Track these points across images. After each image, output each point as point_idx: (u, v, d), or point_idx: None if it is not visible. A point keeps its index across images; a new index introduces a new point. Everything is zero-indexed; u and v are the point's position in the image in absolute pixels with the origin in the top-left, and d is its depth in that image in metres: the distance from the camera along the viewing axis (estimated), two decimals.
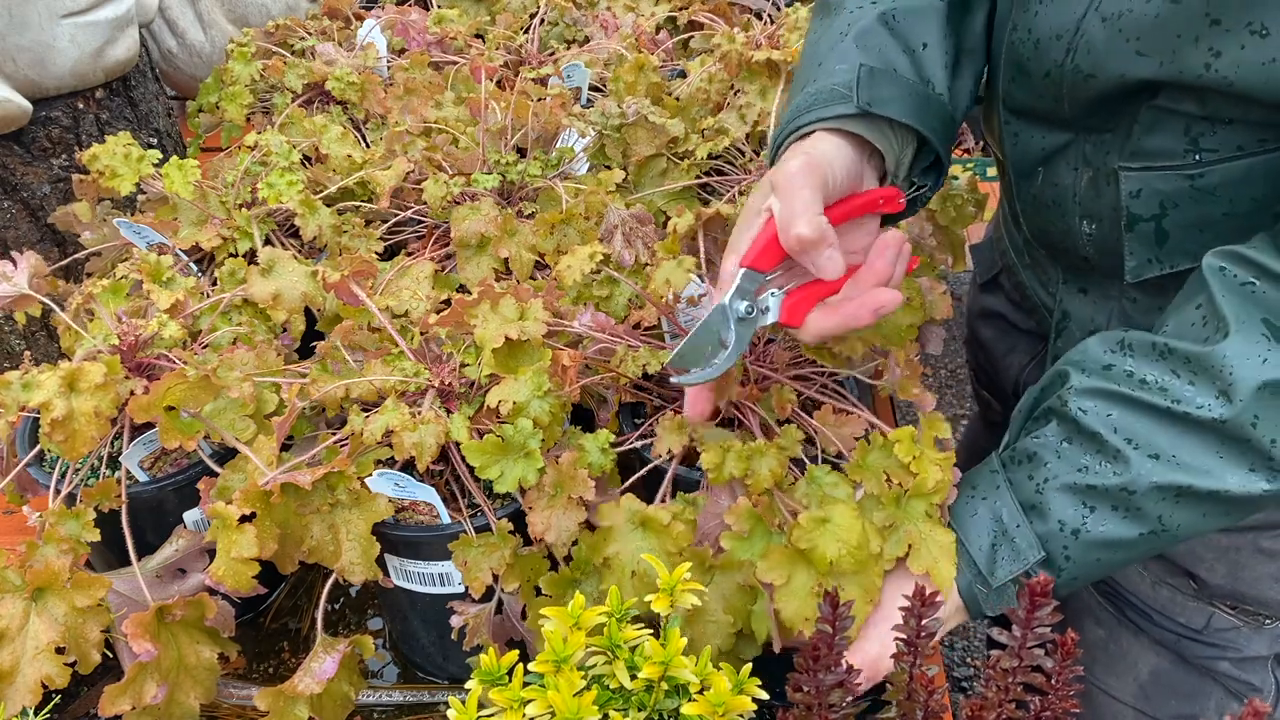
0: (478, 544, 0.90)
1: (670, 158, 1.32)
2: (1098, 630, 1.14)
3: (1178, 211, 0.87)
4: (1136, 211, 0.89)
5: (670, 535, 0.86)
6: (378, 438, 0.90)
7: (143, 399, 0.90)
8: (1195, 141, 0.83)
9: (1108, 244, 0.95)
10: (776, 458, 0.88)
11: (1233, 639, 1.07)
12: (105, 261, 1.29)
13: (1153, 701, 1.11)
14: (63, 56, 1.35)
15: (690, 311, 1.06)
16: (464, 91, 1.50)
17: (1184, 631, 1.08)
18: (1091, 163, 0.92)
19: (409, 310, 1.07)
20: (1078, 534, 0.82)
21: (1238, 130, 0.81)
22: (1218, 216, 0.85)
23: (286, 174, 1.21)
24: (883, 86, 0.85)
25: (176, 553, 0.95)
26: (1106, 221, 0.93)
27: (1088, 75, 0.85)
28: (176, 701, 0.89)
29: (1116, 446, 0.80)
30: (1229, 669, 1.08)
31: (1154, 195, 0.87)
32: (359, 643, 0.92)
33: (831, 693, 0.69)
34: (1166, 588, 1.08)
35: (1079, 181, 0.94)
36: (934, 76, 0.90)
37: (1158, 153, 0.85)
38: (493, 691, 0.69)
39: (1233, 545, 1.03)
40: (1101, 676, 1.14)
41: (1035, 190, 1.00)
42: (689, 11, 1.81)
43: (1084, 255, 0.98)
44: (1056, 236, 1.01)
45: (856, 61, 0.87)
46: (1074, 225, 0.97)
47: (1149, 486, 0.79)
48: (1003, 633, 0.69)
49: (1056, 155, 0.95)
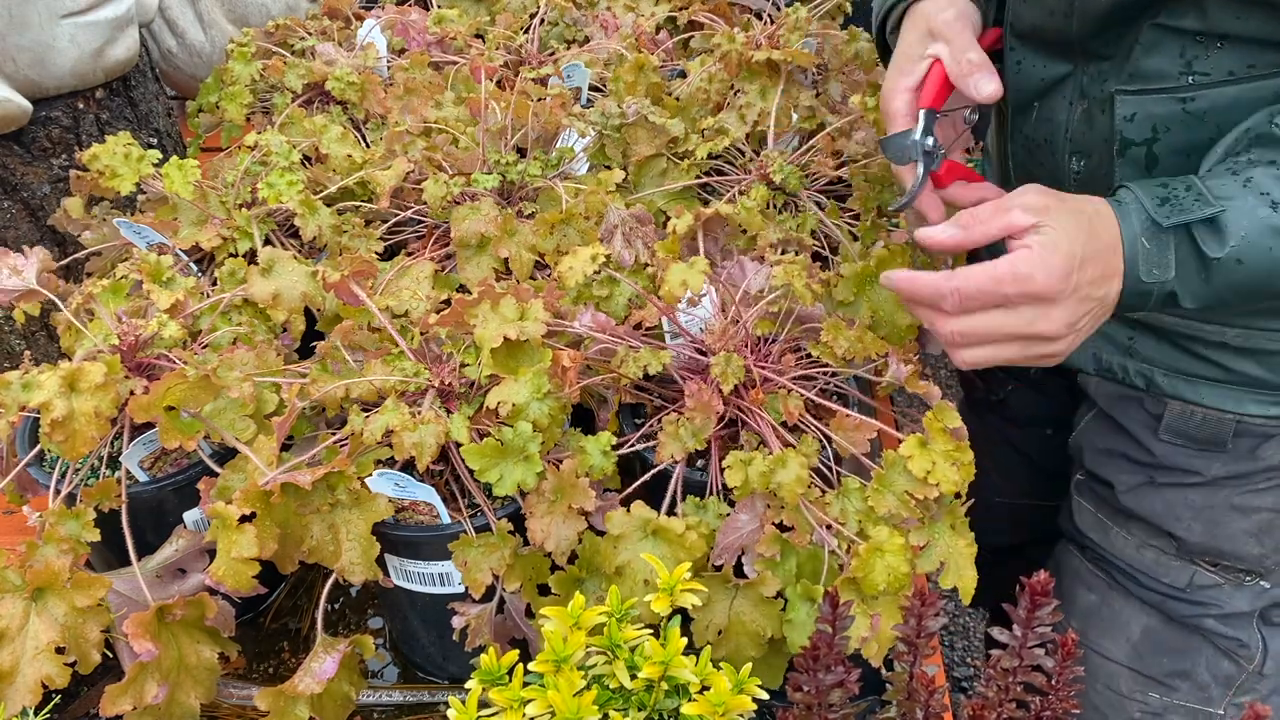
0: (478, 544, 0.90)
1: (670, 158, 1.32)
2: (1089, 596, 1.19)
3: (1169, 135, 0.92)
4: (1129, 136, 0.94)
5: (684, 545, 0.87)
6: (378, 438, 0.90)
7: (143, 399, 0.90)
8: (1190, 65, 0.89)
9: (1093, 183, 0.99)
10: (799, 467, 0.88)
11: (1215, 596, 1.11)
12: (105, 261, 1.29)
13: (1145, 660, 1.15)
14: (63, 56, 1.35)
15: (691, 311, 1.06)
16: (464, 91, 1.50)
17: (1169, 591, 1.13)
18: (1087, 94, 0.98)
19: (409, 310, 1.07)
20: (1260, 211, 0.80)
21: (1229, 52, 0.87)
22: (1205, 140, 0.90)
23: (286, 174, 1.21)
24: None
25: (176, 553, 0.95)
26: (1096, 156, 0.99)
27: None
28: (177, 701, 0.89)
29: None
30: (1215, 625, 1.12)
31: (1147, 119, 0.93)
32: (359, 643, 0.92)
33: (831, 692, 0.69)
34: (1151, 549, 1.13)
35: (1072, 116, 1.00)
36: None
37: (1154, 75, 0.91)
38: (493, 691, 0.69)
39: (1207, 504, 1.08)
40: (1096, 640, 1.18)
41: (1029, 129, 1.06)
42: (689, 11, 1.81)
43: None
44: (1044, 180, 1.04)
45: None
46: (1062, 164, 1.02)
47: None
48: (1003, 632, 0.69)
49: (1054, 88, 1.01)
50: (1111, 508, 1.15)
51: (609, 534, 0.89)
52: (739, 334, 0.99)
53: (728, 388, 0.93)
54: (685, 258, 1.03)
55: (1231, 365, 1.01)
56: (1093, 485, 1.18)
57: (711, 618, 0.89)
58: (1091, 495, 1.18)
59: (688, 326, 1.03)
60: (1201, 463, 1.07)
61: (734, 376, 0.94)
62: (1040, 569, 0.70)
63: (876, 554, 0.84)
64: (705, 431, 0.92)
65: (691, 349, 1.01)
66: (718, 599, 0.89)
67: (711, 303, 1.05)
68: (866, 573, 0.84)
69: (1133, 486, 1.12)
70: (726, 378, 0.93)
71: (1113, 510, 1.16)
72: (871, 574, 0.84)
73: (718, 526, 0.90)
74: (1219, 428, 1.04)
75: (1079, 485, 1.21)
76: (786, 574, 0.89)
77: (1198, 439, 1.06)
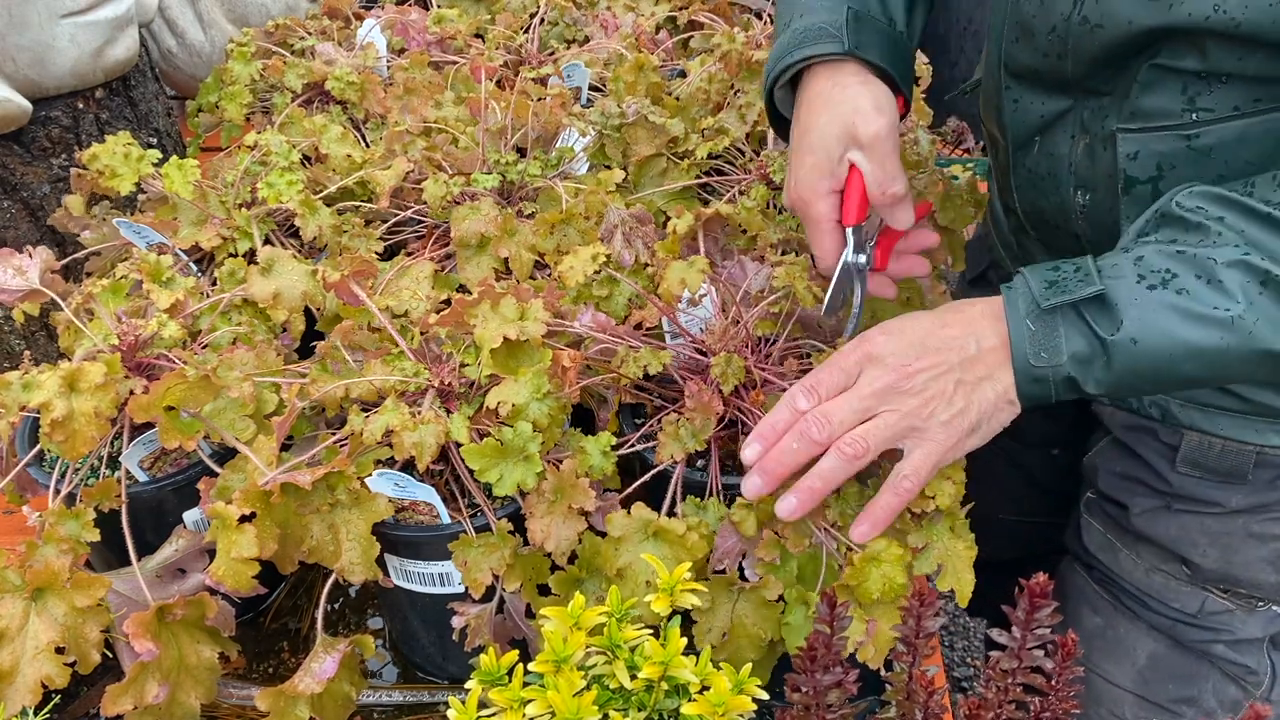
0: (478, 544, 0.90)
1: (670, 158, 1.32)
2: (1095, 618, 1.16)
3: (1174, 173, 0.89)
4: (1133, 174, 0.91)
5: (685, 547, 0.87)
6: (378, 438, 0.90)
7: (143, 399, 0.90)
8: (1193, 101, 0.85)
9: (1100, 215, 0.96)
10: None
11: (1226, 622, 1.08)
12: (105, 261, 1.29)
13: (1151, 686, 1.12)
14: (63, 56, 1.35)
15: (692, 311, 1.06)
16: (464, 91, 1.50)
17: (1178, 616, 1.09)
18: (1089, 129, 0.94)
19: (409, 310, 1.07)
20: (1153, 288, 0.78)
21: (1234, 89, 0.83)
22: (1213, 178, 0.86)
23: (286, 174, 1.21)
24: (865, 30, 0.96)
25: (176, 553, 0.95)
26: (1101, 190, 0.95)
27: (1095, 26, 0.86)
28: (177, 701, 0.89)
29: (1207, 225, 0.79)
30: (1224, 651, 1.09)
31: (1151, 157, 0.89)
32: (359, 643, 0.92)
33: (829, 693, 0.69)
34: (1160, 574, 1.09)
35: (1075, 150, 0.96)
36: (895, 14, 1.00)
37: (1156, 113, 0.87)
38: (493, 691, 0.69)
39: (1224, 530, 1.04)
40: (1100, 663, 1.15)
41: (1031, 163, 1.02)
42: (689, 11, 1.81)
43: (1075, 232, 1.00)
44: (1050, 212, 1.02)
45: (842, 3, 0.97)
46: (1068, 198, 0.99)
47: (1235, 260, 0.77)
48: (1002, 633, 0.69)
49: (1054, 123, 0.97)
50: (1122, 529, 1.12)
51: (610, 536, 0.89)
52: (739, 335, 0.99)
53: (728, 388, 0.93)
54: (685, 258, 1.03)
55: (1250, 396, 0.97)
56: (1104, 505, 1.15)
57: (714, 621, 0.89)
58: (1102, 515, 1.15)
59: (688, 327, 1.03)
60: (1221, 494, 1.03)
61: (734, 377, 0.94)
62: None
63: (872, 564, 0.84)
64: (705, 433, 0.92)
65: (692, 349, 1.01)
66: (721, 602, 0.89)
67: (712, 302, 1.05)
68: (860, 581, 0.84)
69: (1147, 509, 1.08)
70: (727, 378, 0.93)
71: (1123, 531, 1.12)
72: (866, 583, 0.84)
73: (718, 527, 0.90)
74: (1239, 459, 1.00)
75: (1089, 504, 1.17)
76: (788, 576, 0.89)
77: (1218, 471, 1.02)
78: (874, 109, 0.92)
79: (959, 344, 0.83)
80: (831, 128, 0.93)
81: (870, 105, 0.92)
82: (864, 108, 0.92)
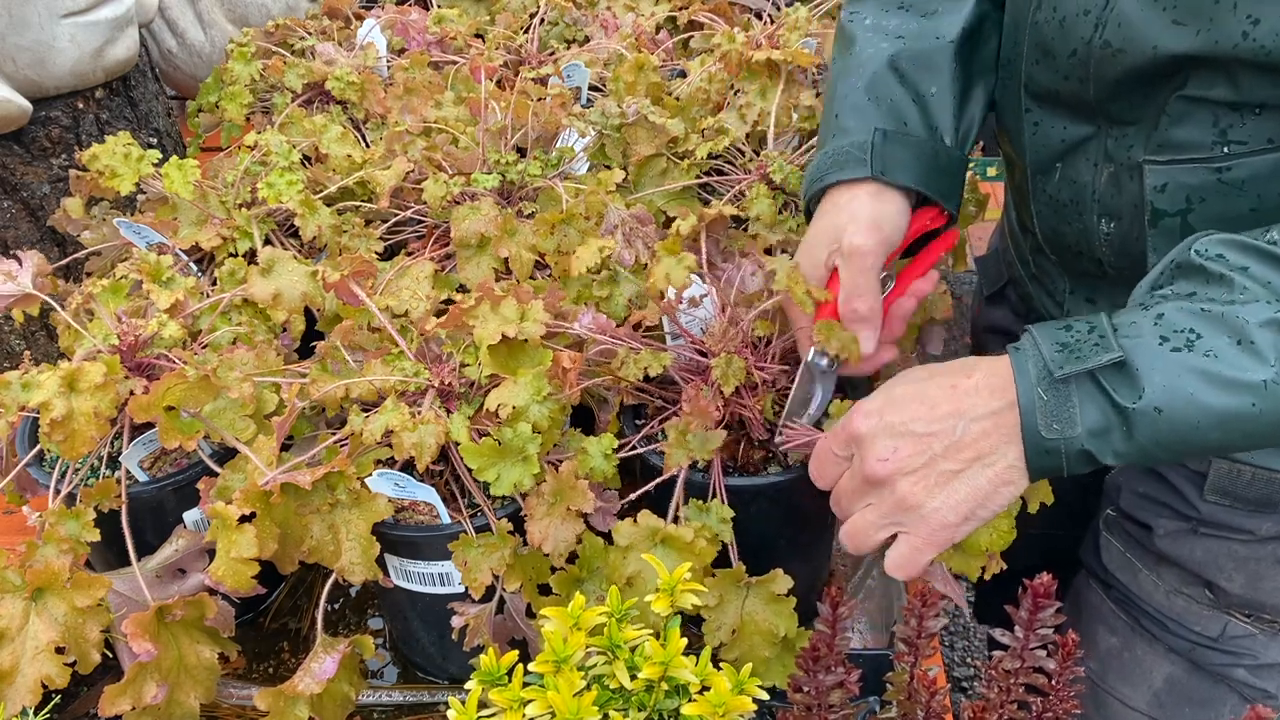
0: (478, 544, 0.90)
1: (670, 158, 1.32)
2: (1112, 639, 1.13)
3: (1204, 206, 0.86)
4: (1161, 206, 0.88)
5: (693, 552, 0.87)
6: (378, 438, 0.90)
7: (142, 399, 0.90)
8: (1224, 133, 0.82)
9: (1126, 244, 0.93)
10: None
11: (1249, 646, 1.06)
12: (105, 261, 1.29)
13: (1167, 709, 1.10)
14: (63, 56, 1.35)
15: (692, 312, 1.06)
16: (464, 91, 1.50)
17: (1199, 640, 1.07)
18: (1113, 158, 0.91)
19: (409, 310, 1.07)
20: (1177, 350, 0.72)
21: (1267, 120, 0.80)
22: (1244, 211, 0.84)
23: (286, 174, 1.21)
24: (895, 150, 0.93)
25: (176, 553, 0.95)
26: (1126, 219, 0.92)
27: (1117, 50, 0.83)
28: (177, 701, 0.89)
29: (1230, 276, 0.73)
30: (1244, 676, 1.07)
31: (1180, 189, 0.86)
32: (359, 643, 0.92)
33: (831, 693, 0.69)
34: (1182, 597, 1.07)
35: (1099, 178, 0.93)
36: (941, 123, 0.96)
37: (1185, 145, 0.84)
38: (493, 692, 0.69)
39: (1252, 555, 1.02)
40: (1116, 685, 1.13)
41: (1052, 189, 0.99)
42: (689, 11, 1.81)
43: (1098, 258, 0.97)
44: (1072, 238, 0.99)
45: (871, 123, 0.94)
46: (1092, 225, 0.96)
47: (1268, 319, 0.70)
48: (1004, 634, 0.69)
49: (1077, 149, 0.94)
50: (1144, 549, 1.09)
51: (617, 545, 0.88)
52: (738, 335, 0.99)
53: (729, 389, 0.93)
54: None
55: None
56: (1125, 524, 1.12)
57: (724, 618, 0.88)
58: (1122, 534, 1.12)
59: (689, 327, 1.03)
60: (1252, 522, 1.00)
61: (735, 378, 0.94)
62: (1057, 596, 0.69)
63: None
64: (714, 443, 0.91)
65: (692, 350, 1.01)
66: (729, 599, 0.88)
67: (713, 303, 1.05)
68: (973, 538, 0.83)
69: (1171, 531, 1.05)
70: (727, 379, 0.93)
71: (1145, 552, 1.09)
72: (976, 538, 0.84)
73: (721, 530, 0.90)
74: (1269, 488, 0.97)
75: (1109, 522, 1.14)
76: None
77: (1247, 499, 0.99)
78: (869, 224, 0.90)
79: (945, 428, 0.77)
80: (824, 234, 0.93)
81: (867, 219, 0.90)
82: (859, 219, 0.91)
